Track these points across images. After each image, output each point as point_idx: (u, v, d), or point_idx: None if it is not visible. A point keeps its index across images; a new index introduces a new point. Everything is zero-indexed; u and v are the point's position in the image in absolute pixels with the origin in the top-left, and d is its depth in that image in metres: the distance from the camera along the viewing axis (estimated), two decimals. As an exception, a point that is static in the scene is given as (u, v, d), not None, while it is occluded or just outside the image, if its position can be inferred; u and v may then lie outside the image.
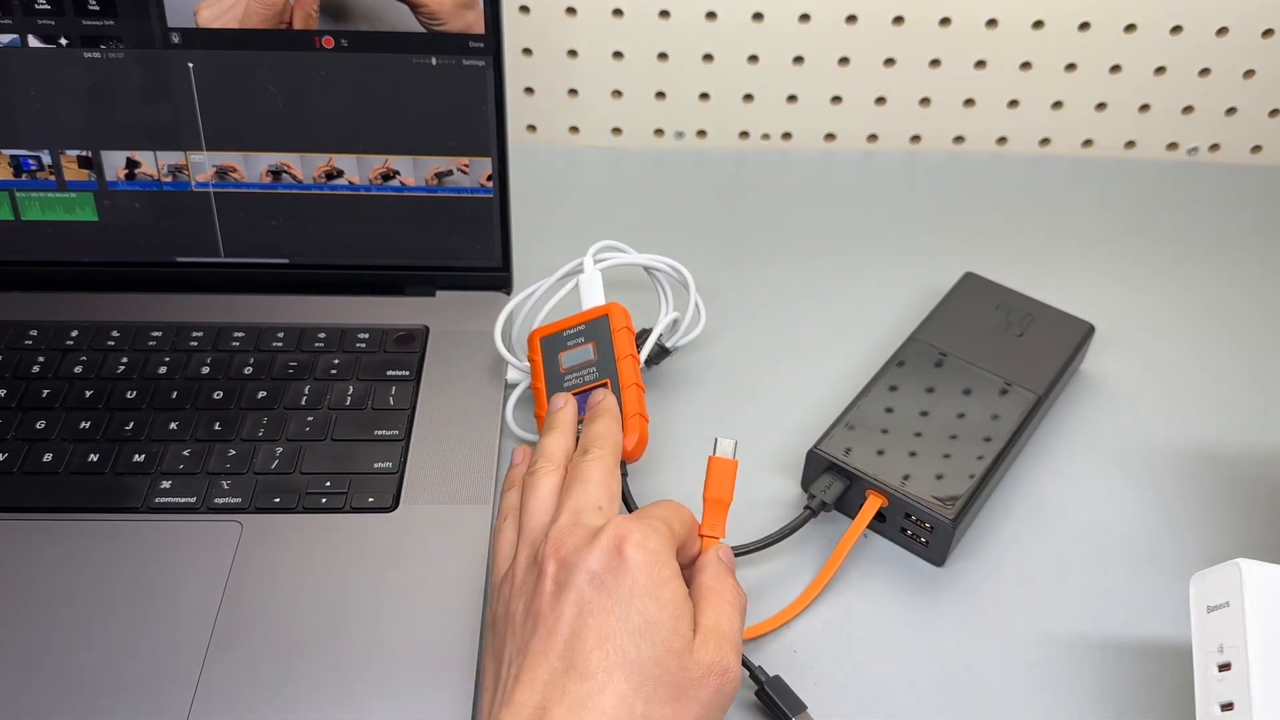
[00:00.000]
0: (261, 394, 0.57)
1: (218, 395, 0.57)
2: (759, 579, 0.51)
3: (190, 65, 0.57)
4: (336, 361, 0.59)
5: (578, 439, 0.47)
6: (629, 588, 0.38)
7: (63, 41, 0.56)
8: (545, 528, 0.41)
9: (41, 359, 0.58)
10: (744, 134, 0.79)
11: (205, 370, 0.58)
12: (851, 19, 0.73)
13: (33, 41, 0.56)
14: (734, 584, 0.42)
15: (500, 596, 0.41)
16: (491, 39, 0.57)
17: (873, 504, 0.51)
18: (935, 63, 0.75)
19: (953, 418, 0.54)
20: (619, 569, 0.38)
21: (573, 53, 0.75)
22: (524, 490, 0.44)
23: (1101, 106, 0.77)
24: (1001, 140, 0.79)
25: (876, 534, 0.53)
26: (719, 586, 0.41)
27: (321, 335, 0.60)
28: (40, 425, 0.55)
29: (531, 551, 0.41)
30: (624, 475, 0.50)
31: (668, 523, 0.41)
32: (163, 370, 0.58)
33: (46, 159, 0.60)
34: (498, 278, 0.63)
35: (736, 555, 0.50)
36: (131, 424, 0.55)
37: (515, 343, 0.59)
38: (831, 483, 0.52)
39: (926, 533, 0.51)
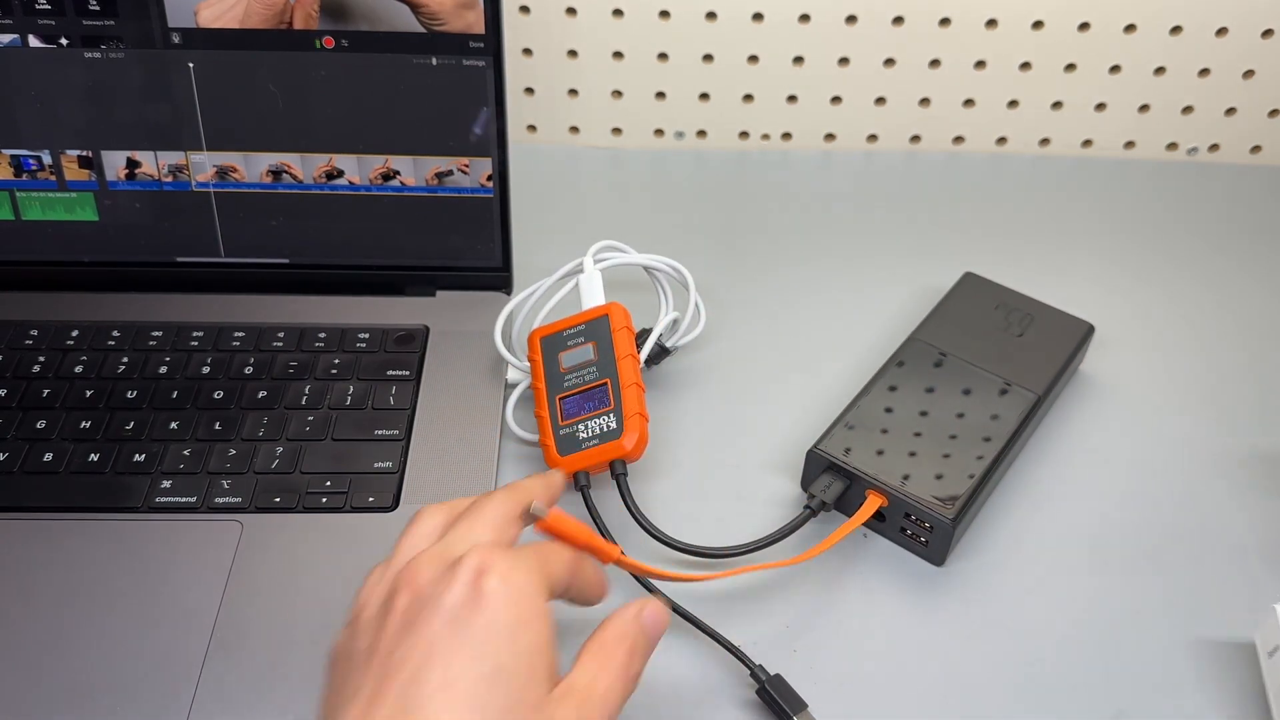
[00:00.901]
0: (262, 394, 0.57)
1: (218, 395, 0.57)
2: (758, 579, 0.51)
3: (191, 65, 0.57)
4: (337, 361, 0.59)
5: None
6: (484, 626, 0.33)
7: (63, 41, 0.57)
8: (393, 575, 0.36)
9: (42, 359, 0.58)
10: (744, 134, 0.79)
11: (205, 370, 0.58)
12: (851, 19, 0.73)
13: (33, 41, 0.56)
14: (629, 660, 0.36)
15: (347, 630, 0.36)
16: (492, 39, 0.57)
17: (872, 503, 0.51)
18: (935, 63, 0.75)
19: (952, 418, 0.54)
20: (475, 603, 0.33)
21: (573, 53, 0.75)
22: (407, 524, 0.40)
23: (1101, 107, 0.77)
24: (1001, 140, 0.79)
25: (876, 534, 0.53)
26: (614, 649, 0.36)
27: (322, 335, 0.60)
28: (41, 425, 0.55)
29: (388, 585, 0.36)
30: (624, 475, 0.50)
31: (541, 555, 0.37)
32: (163, 370, 0.58)
33: (47, 159, 0.60)
34: (498, 278, 0.63)
35: (738, 555, 0.50)
36: (132, 424, 0.55)
37: (515, 342, 0.59)
38: (831, 482, 0.52)
39: (926, 532, 0.51)
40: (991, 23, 0.73)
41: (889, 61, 0.75)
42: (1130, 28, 0.73)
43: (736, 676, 0.47)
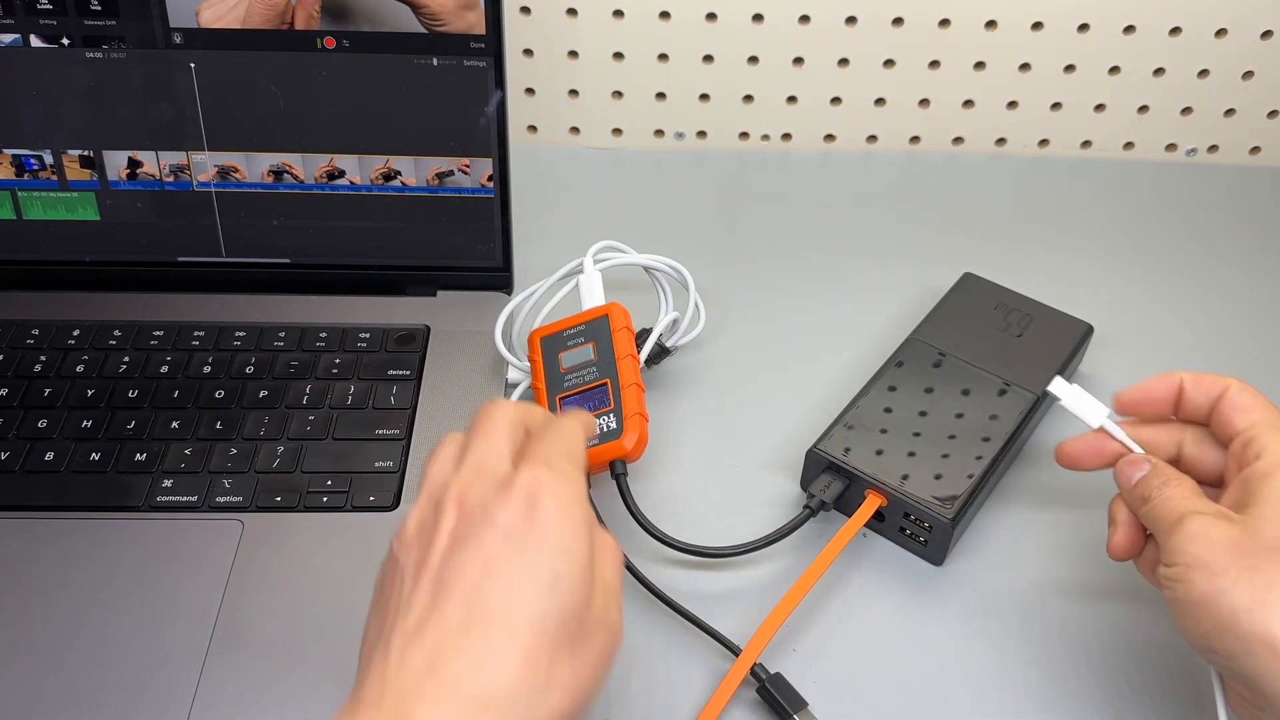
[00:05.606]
0: (263, 393, 0.57)
1: (219, 394, 0.57)
2: (759, 579, 0.51)
3: (192, 65, 0.58)
4: (338, 361, 0.59)
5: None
6: (538, 541, 0.35)
7: (65, 41, 0.57)
8: (446, 479, 0.38)
9: (43, 358, 0.58)
10: (744, 134, 0.79)
11: (207, 369, 0.58)
12: (851, 20, 0.73)
13: (35, 41, 0.57)
14: (611, 537, 0.39)
15: (390, 554, 0.38)
16: (492, 40, 0.57)
17: (871, 503, 0.51)
18: (934, 64, 0.75)
19: (951, 418, 0.54)
20: (531, 523, 0.35)
21: (573, 54, 0.75)
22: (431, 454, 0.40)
23: (1100, 108, 0.77)
24: (1000, 141, 0.79)
25: (876, 534, 0.53)
26: (600, 540, 0.38)
27: (323, 335, 0.60)
28: (42, 424, 0.55)
29: (431, 504, 0.37)
30: (624, 475, 0.50)
31: (579, 467, 0.39)
32: (164, 369, 0.58)
33: (49, 158, 0.60)
34: (498, 278, 0.63)
35: (735, 555, 0.50)
36: (133, 423, 0.55)
37: (516, 342, 0.59)
38: (831, 482, 0.52)
39: (925, 532, 0.51)
40: (991, 24, 0.73)
41: (889, 62, 0.75)
42: (1130, 29, 0.73)
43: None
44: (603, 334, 0.54)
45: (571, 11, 0.73)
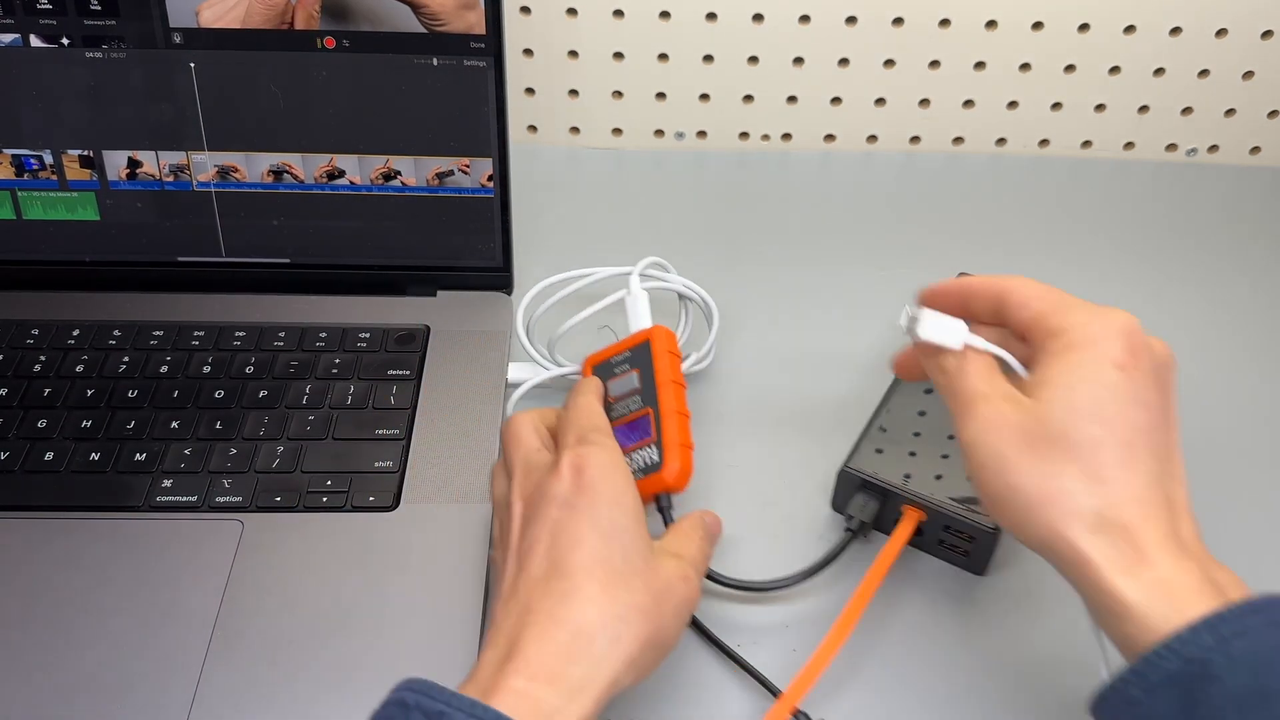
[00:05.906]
0: (263, 393, 0.57)
1: (219, 394, 0.57)
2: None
3: (192, 65, 0.57)
4: (338, 361, 0.59)
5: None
6: (591, 499, 0.41)
7: (65, 41, 0.57)
8: (505, 492, 0.44)
9: (43, 358, 0.58)
10: (744, 135, 0.79)
11: (206, 369, 0.58)
12: (851, 20, 0.73)
13: (34, 41, 0.57)
14: (704, 542, 0.45)
15: (492, 564, 0.44)
16: (492, 40, 0.57)
17: (910, 519, 0.49)
18: (935, 64, 0.75)
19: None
20: (581, 487, 0.41)
21: (573, 53, 0.75)
22: (509, 436, 0.46)
23: (1100, 108, 0.77)
24: (1001, 141, 0.79)
25: (912, 546, 0.52)
26: (692, 532, 0.45)
27: (323, 335, 0.60)
28: (42, 424, 0.55)
29: (502, 514, 0.44)
30: (669, 508, 0.48)
31: (607, 433, 0.45)
32: (164, 369, 0.58)
33: (48, 158, 0.60)
34: (498, 278, 0.63)
35: (779, 589, 0.49)
36: (133, 423, 0.55)
37: (533, 330, 0.58)
38: (866, 502, 0.50)
39: (967, 543, 0.50)
40: (991, 24, 0.73)
41: (889, 62, 0.75)
42: (1130, 29, 0.73)
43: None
44: (645, 360, 0.51)
45: (571, 11, 0.73)
